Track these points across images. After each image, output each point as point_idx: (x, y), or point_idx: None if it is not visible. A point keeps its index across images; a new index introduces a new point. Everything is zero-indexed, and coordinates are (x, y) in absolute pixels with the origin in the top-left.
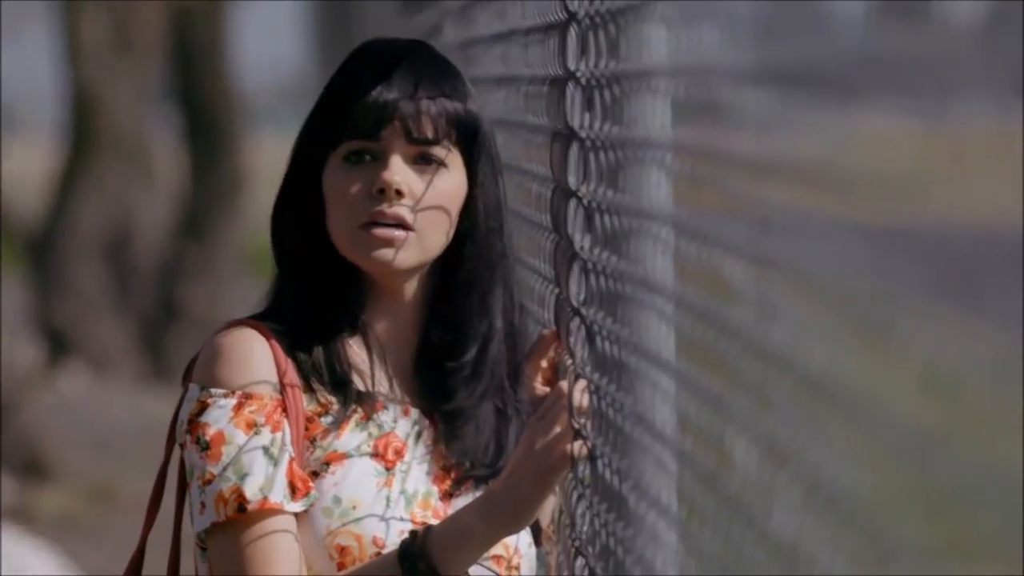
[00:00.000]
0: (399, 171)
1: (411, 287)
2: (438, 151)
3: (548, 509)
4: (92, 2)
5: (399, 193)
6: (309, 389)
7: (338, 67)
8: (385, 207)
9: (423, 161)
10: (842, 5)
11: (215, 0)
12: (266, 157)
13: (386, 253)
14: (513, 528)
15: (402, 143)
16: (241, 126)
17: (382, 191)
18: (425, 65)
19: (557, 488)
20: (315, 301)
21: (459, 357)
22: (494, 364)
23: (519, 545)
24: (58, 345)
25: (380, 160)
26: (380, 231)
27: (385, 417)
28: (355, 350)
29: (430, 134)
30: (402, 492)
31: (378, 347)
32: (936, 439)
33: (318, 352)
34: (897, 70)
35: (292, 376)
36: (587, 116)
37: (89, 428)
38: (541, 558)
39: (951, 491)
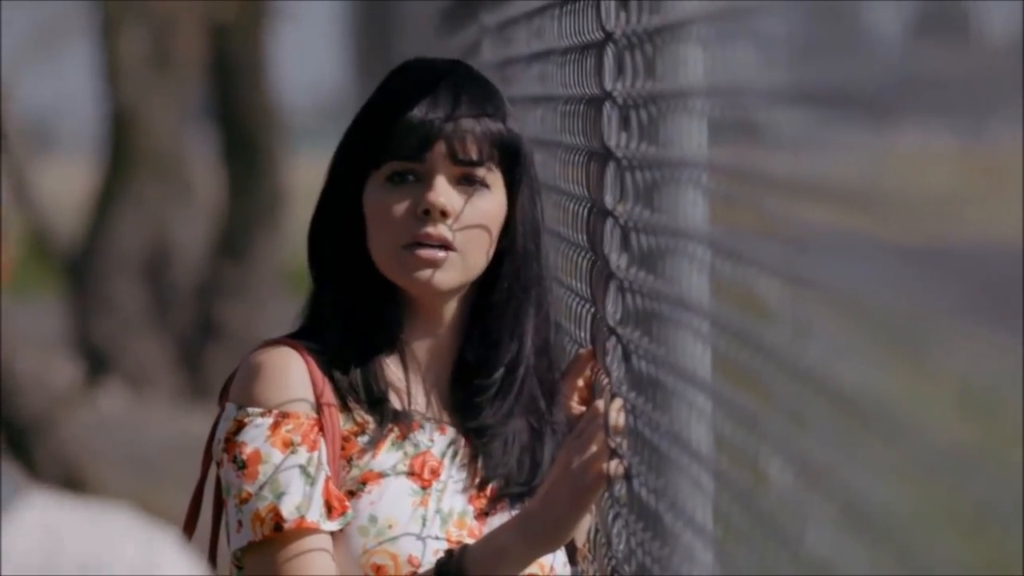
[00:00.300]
0: (444, 192)
1: (450, 307)
2: (481, 172)
3: (584, 528)
4: (131, 20)
5: (443, 214)
6: (346, 408)
7: (378, 86)
8: (430, 228)
9: (466, 182)
10: (879, 24)
11: (254, 18)
12: (304, 176)
13: (429, 274)
14: (549, 547)
15: (446, 164)
16: (280, 144)
17: (427, 212)
18: (467, 85)
19: (593, 507)
20: (353, 320)
21: (489, 375)
22: (524, 382)
23: (554, 564)
24: (96, 363)
25: (423, 181)
26: (424, 252)
27: (421, 436)
28: (392, 369)
29: (474, 155)
30: (438, 511)
31: (415, 366)
32: (972, 458)
33: (355, 371)
34: (934, 89)
35: (329, 396)
36: (623, 136)
37: (127, 446)
38: None
39: (987, 510)
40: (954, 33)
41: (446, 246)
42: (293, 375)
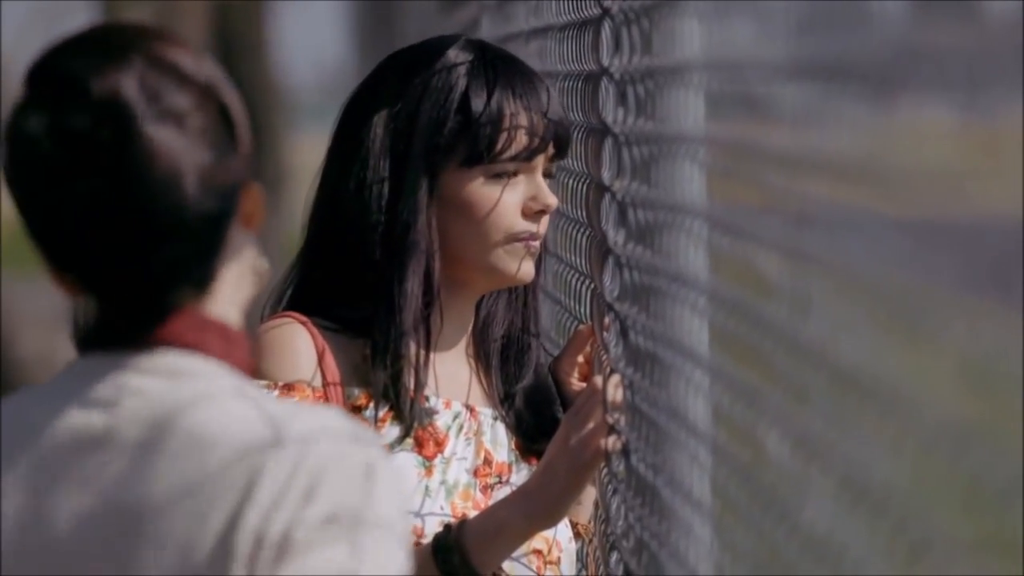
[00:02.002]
0: (550, 191)
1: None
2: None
3: (588, 504)
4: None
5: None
6: (352, 382)
7: (431, 71)
8: (538, 227)
9: (546, 174)
10: None
11: None
12: (307, 153)
13: (530, 266)
14: (548, 523)
15: (545, 162)
16: (283, 122)
17: (541, 211)
18: (534, 76)
19: (594, 483)
20: (401, 308)
21: (510, 361)
22: (534, 359)
23: (559, 538)
24: None
25: (525, 175)
26: (532, 243)
27: (426, 409)
28: (405, 344)
29: (567, 152)
30: (442, 483)
31: (432, 345)
32: (972, 432)
33: (366, 345)
34: (936, 63)
35: (334, 372)
36: (621, 111)
37: None
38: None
39: (987, 486)
40: (956, 7)
41: (539, 240)
42: (300, 350)
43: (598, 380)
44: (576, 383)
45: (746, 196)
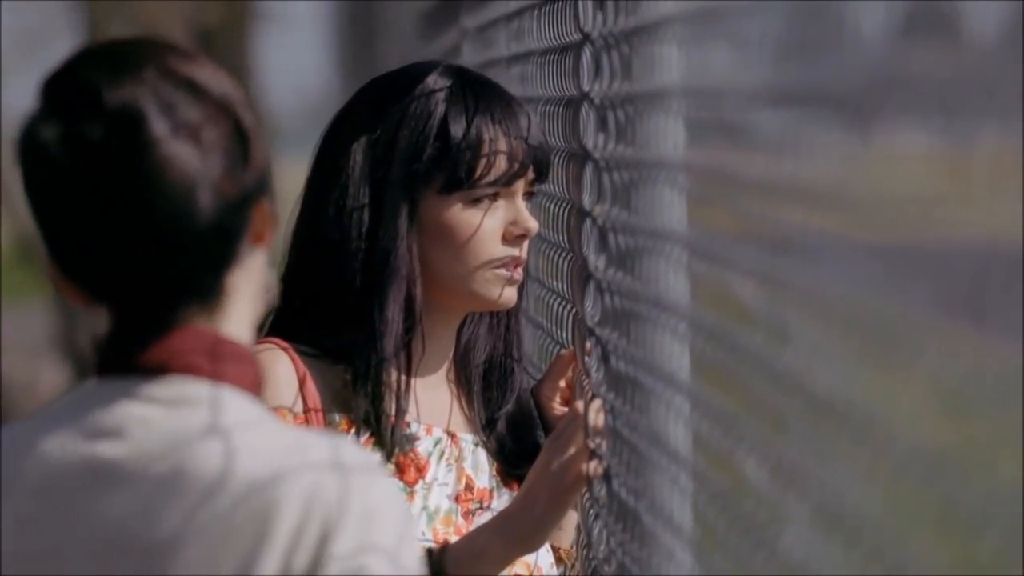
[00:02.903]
0: (530, 216)
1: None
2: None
3: (570, 528)
4: (116, 23)
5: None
6: (333, 408)
7: (409, 98)
8: (519, 252)
9: (526, 197)
10: (862, 23)
11: (239, 21)
12: (289, 178)
13: (511, 292)
14: (529, 548)
15: (523, 184)
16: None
17: (522, 236)
18: (519, 104)
19: (577, 508)
20: (375, 327)
21: (491, 388)
22: (516, 385)
23: (540, 563)
24: (84, 367)
25: (505, 200)
26: (513, 271)
27: (408, 435)
28: (386, 372)
29: (547, 177)
30: (423, 508)
31: (412, 370)
32: (945, 459)
33: (347, 372)
34: (914, 91)
35: (315, 399)
36: (601, 136)
37: None
38: None
39: (960, 511)
40: (933, 34)
41: (522, 266)
42: (280, 376)
43: (579, 405)
44: (558, 408)
45: (725, 222)
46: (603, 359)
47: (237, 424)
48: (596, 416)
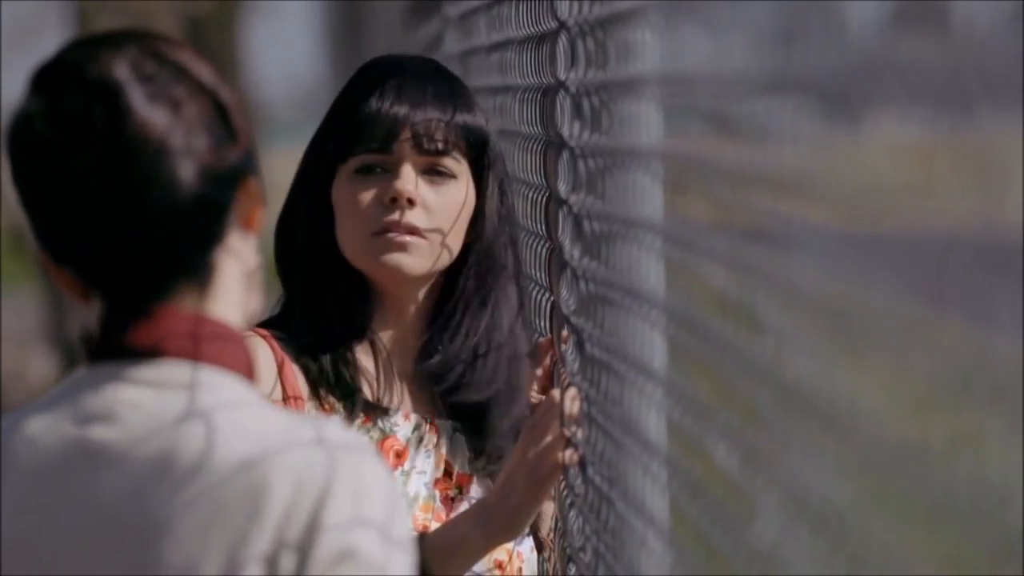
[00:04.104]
0: (410, 181)
1: (417, 297)
2: (447, 161)
3: (548, 515)
4: (105, 15)
5: (411, 202)
6: (315, 395)
7: (347, 83)
8: (397, 216)
9: (433, 171)
10: (854, 12)
11: (229, 12)
12: (280, 169)
13: (397, 258)
14: (507, 537)
15: (412, 154)
16: (257, 137)
17: (394, 200)
18: (434, 80)
19: (553, 496)
20: (322, 310)
21: (449, 366)
22: (501, 376)
23: (520, 549)
24: (73, 357)
25: (391, 172)
26: (393, 235)
27: (386, 422)
28: (360, 356)
29: (440, 145)
30: (403, 495)
31: (383, 354)
32: (918, 449)
33: (325, 359)
34: (897, 79)
35: (294, 384)
36: (576, 124)
37: None
38: (538, 564)
39: (929, 501)
40: (923, 21)
41: (414, 233)
42: (259, 365)
43: (555, 393)
44: (535, 396)
45: (702, 210)
46: (579, 347)
47: (226, 405)
48: (572, 404)
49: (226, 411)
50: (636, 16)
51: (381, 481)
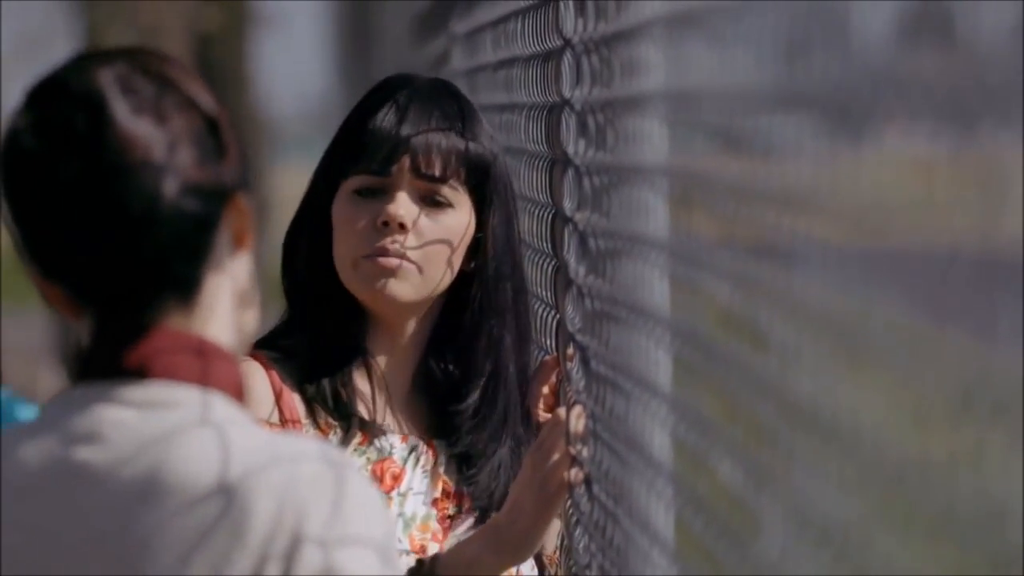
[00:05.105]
0: (404, 205)
1: (412, 322)
2: (445, 190)
3: (553, 534)
4: (116, 29)
5: (402, 227)
6: (311, 415)
7: (359, 101)
8: (388, 241)
9: (431, 200)
10: (865, 25)
11: (238, 27)
12: (290, 184)
13: (386, 284)
14: (518, 558)
15: (411, 178)
16: (266, 153)
17: (386, 224)
18: (441, 103)
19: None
20: (320, 329)
21: (465, 398)
22: (507, 406)
23: (520, 569)
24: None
25: (387, 194)
26: (381, 260)
27: (383, 443)
28: (357, 378)
29: (437, 172)
30: (400, 515)
31: (378, 376)
32: (924, 465)
33: (322, 380)
34: (904, 94)
35: (291, 407)
36: (582, 142)
37: None
38: None
39: (935, 516)
40: (931, 35)
41: (403, 258)
42: (256, 392)
43: (562, 412)
44: (542, 414)
45: (707, 227)
46: (584, 364)
47: (210, 424)
48: (578, 422)
49: (210, 431)
50: (641, 33)
51: (364, 494)
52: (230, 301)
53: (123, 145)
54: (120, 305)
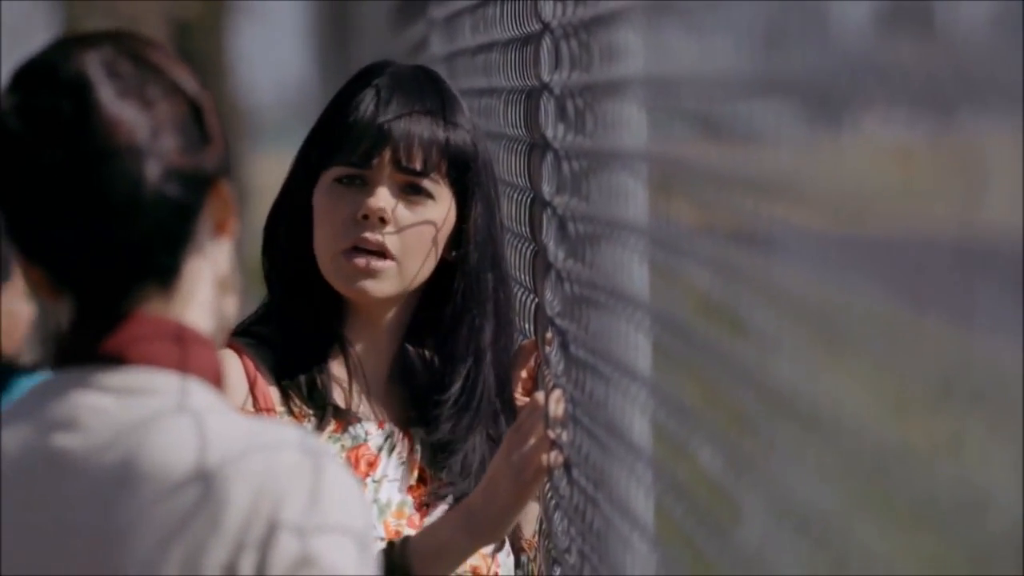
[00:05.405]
0: (384, 198)
1: (390, 312)
2: (426, 182)
3: (531, 517)
4: (94, 19)
5: (383, 220)
6: (285, 403)
7: (341, 88)
8: (367, 233)
9: (410, 190)
10: (843, 14)
11: (217, 16)
12: (269, 172)
13: (365, 284)
14: (491, 539)
15: (392, 171)
16: (244, 141)
17: (366, 217)
18: (423, 95)
19: (538, 498)
20: (297, 316)
21: (447, 388)
22: (483, 395)
23: (498, 555)
24: None
25: (368, 186)
26: (360, 260)
27: (358, 430)
28: (333, 365)
29: (418, 165)
30: (375, 502)
31: (355, 364)
32: (902, 452)
33: (298, 366)
34: (883, 81)
35: (267, 399)
36: (561, 127)
37: None
38: (522, 566)
39: (921, 508)
40: (912, 23)
41: (383, 253)
42: (229, 377)
43: (540, 396)
44: (520, 398)
45: (687, 212)
46: (563, 349)
47: (188, 411)
48: (556, 406)
49: (188, 418)
50: (620, 18)
51: (343, 483)
52: (210, 288)
53: (108, 129)
54: (99, 290)
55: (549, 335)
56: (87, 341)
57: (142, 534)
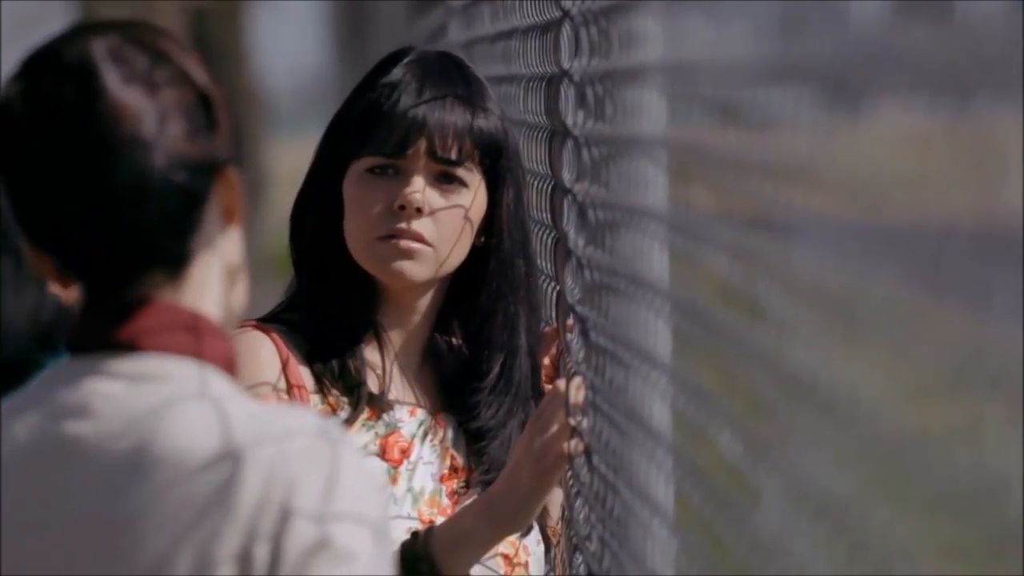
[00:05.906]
0: (420, 188)
1: (424, 298)
2: (460, 171)
3: (556, 505)
4: (110, 5)
5: (419, 211)
6: (319, 389)
7: (367, 74)
8: (404, 224)
9: (444, 179)
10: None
11: (233, 2)
12: (286, 159)
13: (402, 265)
14: (513, 528)
15: (426, 160)
16: (261, 128)
17: (403, 207)
18: (453, 82)
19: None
20: (329, 303)
21: (483, 375)
22: (521, 382)
23: (527, 543)
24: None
25: (402, 175)
26: (399, 242)
27: (392, 417)
28: (366, 351)
29: (453, 155)
30: (408, 490)
31: (389, 350)
32: (921, 439)
33: (331, 353)
34: (902, 68)
35: (299, 377)
36: (580, 113)
37: None
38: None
39: (931, 491)
40: (923, 10)
41: (420, 240)
42: (262, 359)
43: (561, 383)
44: (542, 385)
45: (706, 199)
46: (584, 336)
47: (200, 398)
48: (577, 393)
49: (200, 405)
50: (639, 5)
51: (359, 471)
52: (219, 276)
53: (113, 115)
54: (107, 278)
55: (570, 322)
56: (99, 328)
57: (154, 521)
